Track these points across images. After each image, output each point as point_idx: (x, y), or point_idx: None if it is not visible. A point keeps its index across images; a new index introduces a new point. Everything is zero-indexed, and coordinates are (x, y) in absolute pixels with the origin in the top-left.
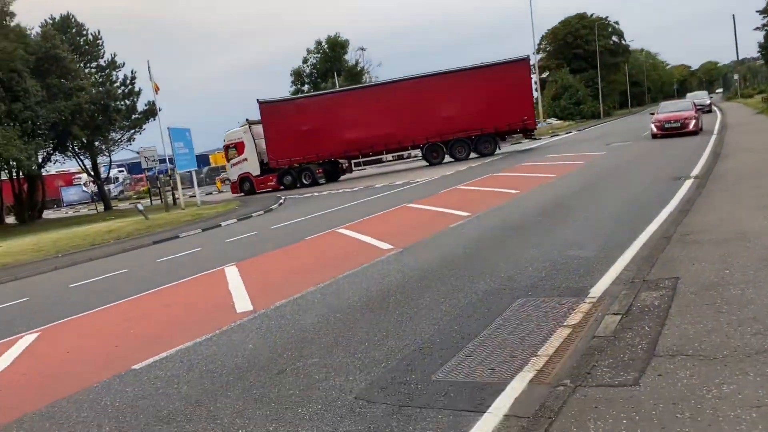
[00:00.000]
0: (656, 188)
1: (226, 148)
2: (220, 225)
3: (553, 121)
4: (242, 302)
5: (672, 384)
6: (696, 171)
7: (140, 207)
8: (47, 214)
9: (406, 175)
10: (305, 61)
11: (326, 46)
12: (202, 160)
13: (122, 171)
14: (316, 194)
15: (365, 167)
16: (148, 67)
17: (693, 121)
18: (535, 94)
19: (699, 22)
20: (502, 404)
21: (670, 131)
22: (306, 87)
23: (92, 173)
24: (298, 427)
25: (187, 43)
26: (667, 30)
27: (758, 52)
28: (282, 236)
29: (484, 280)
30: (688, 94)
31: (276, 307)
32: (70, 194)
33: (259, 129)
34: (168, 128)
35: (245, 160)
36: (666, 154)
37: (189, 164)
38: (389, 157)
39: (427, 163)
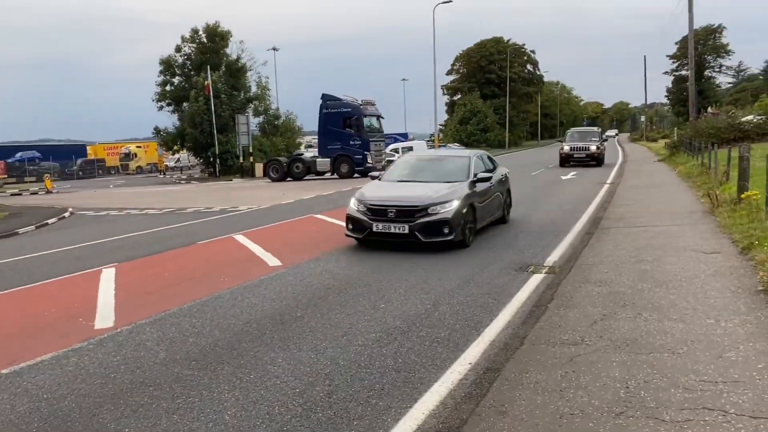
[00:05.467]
0: (480, 289)
1: None
2: None
3: (455, 147)
4: None
5: None
6: (555, 255)
7: None
8: None
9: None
10: (179, 50)
11: (204, 35)
12: (77, 150)
13: None
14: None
15: None
16: None
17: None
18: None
19: (616, 64)
20: None
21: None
22: (177, 79)
23: None
24: None
25: (112, 29)
26: (584, 67)
27: (665, 96)
28: None
29: None
30: (569, 130)
31: None
32: None
33: None
34: None
35: None
36: (537, 212)
37: None
38: None
39: None
